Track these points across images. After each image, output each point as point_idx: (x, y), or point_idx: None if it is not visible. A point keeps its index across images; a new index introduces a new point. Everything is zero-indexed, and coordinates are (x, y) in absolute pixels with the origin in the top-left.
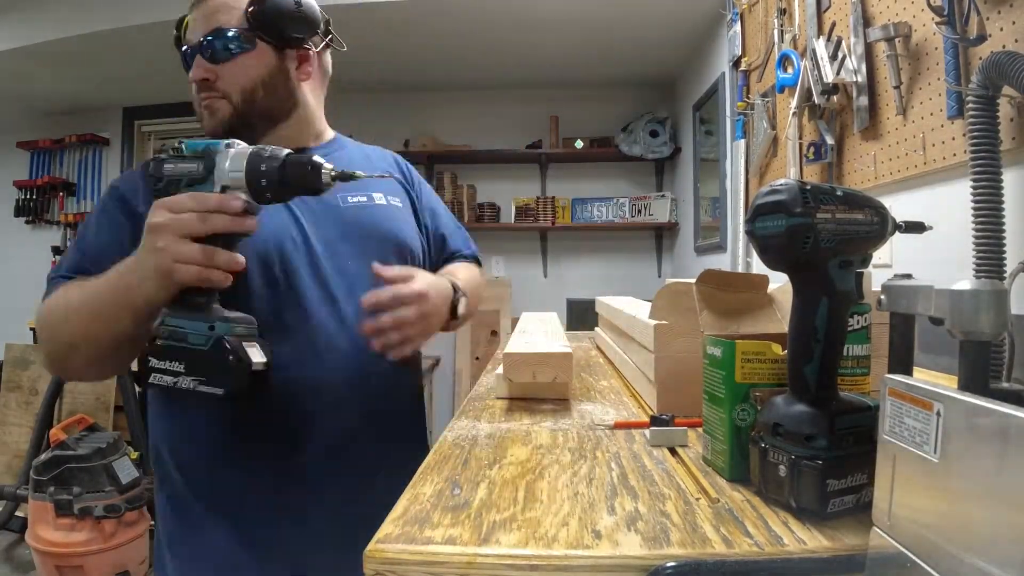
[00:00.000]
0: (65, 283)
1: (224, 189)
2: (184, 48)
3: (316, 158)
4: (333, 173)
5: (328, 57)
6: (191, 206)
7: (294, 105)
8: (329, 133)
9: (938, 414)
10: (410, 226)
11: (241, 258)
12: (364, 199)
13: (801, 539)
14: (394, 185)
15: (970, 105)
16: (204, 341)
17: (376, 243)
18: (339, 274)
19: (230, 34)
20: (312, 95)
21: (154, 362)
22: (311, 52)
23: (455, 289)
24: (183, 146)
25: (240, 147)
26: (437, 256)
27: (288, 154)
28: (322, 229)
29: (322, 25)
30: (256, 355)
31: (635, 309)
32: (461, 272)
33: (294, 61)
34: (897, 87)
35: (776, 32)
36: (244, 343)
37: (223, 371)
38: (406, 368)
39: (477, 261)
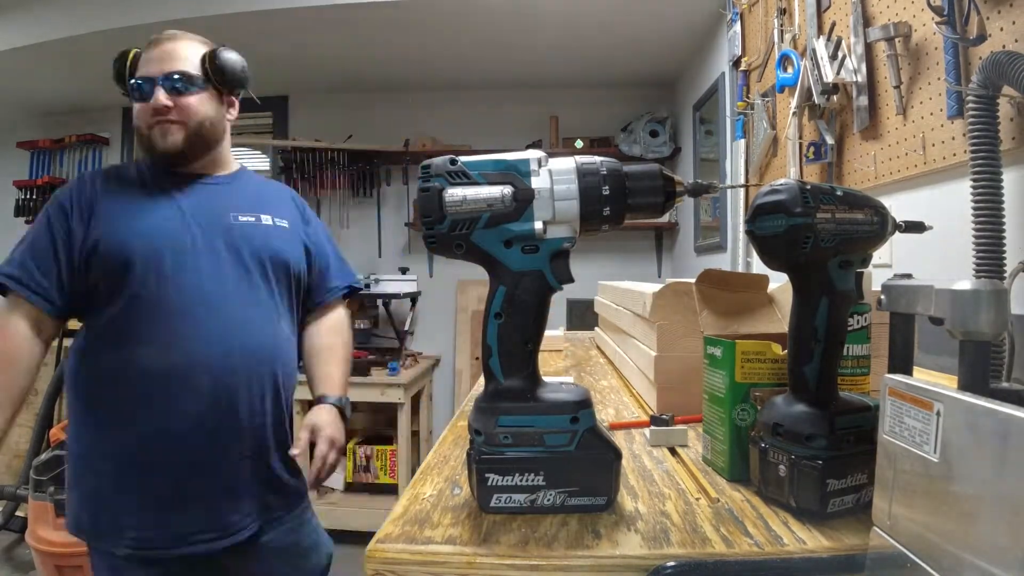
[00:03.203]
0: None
1: (546, 226)
2: (137, 80)
3: (666, 171)
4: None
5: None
6: None
7: (222, 139)
8: (235, 165)
9: (938, 414)
10: (293, 246)
11: None
12: (253, 219)
13: (801, 539)
14: (284, 211)
15: (970, 105)
16: None
17: (260, 257)
18: (215, 283)
19: (192, 75)
20: (228, 132)
21: None
22: (236, 100)
23: (341, 406)
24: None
25: (556, 161)
26: (318, 281)
27: (623, 167)
28: (210, 239)
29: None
30: None
31: (633, 301)
32: (327, 366)
33: (225, 105)
34: (897, 87)
35: (776, 32)
36: None
37: None
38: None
39: (354, 290)
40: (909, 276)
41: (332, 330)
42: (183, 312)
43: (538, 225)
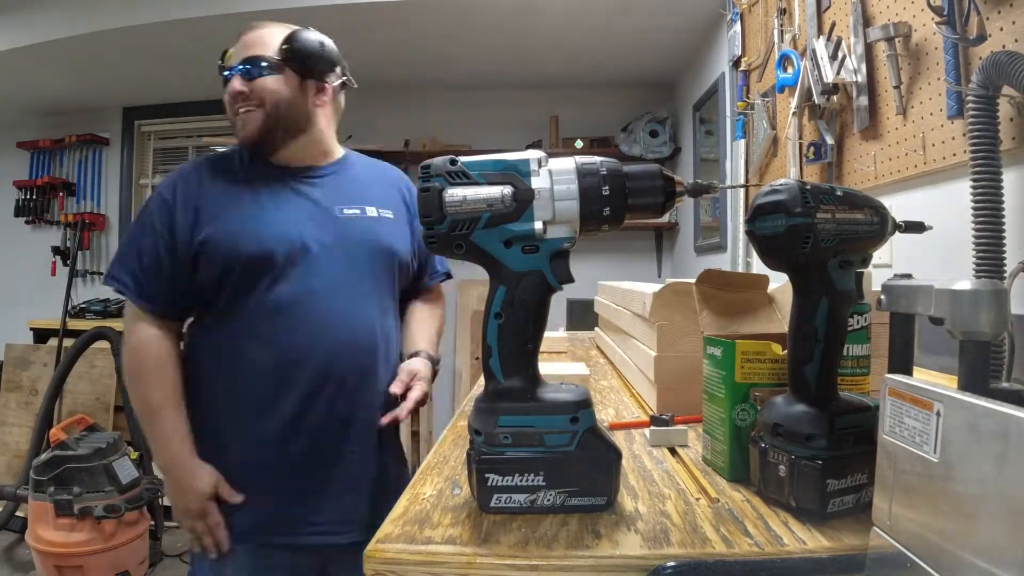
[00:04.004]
0: (147, 323)
1: (546, 226)
2: (225, 72)
3: (666, 171)
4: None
5: (342, 96)
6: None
7: (309, 125)
8: (339, 151)
9: (938, 414)
10: (398, 237)
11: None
12: (357, 212)
13: (801, 539)
14: (389, 200)
15: (970, 105)
16: None
17: (365, 251)
18: (327, 275)
19: (263, 60)
20: (324, 120)
21: None
22: (327, 86)
23: (434, 361)
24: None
25: (556, 161)
26: (423, 266)
27: (623, 167)
28: (321, 233)
29: (340, 67)
30: None
31: (633, 301)
32: (426, 330)
33: (312, 90)
34: (897, 87)
35: (776, 32)
36: None
37: None
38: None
39: (448, 275)
40: (909, 276)
41: (433, 304)
42: (289, 308)
43: (538, 225)
